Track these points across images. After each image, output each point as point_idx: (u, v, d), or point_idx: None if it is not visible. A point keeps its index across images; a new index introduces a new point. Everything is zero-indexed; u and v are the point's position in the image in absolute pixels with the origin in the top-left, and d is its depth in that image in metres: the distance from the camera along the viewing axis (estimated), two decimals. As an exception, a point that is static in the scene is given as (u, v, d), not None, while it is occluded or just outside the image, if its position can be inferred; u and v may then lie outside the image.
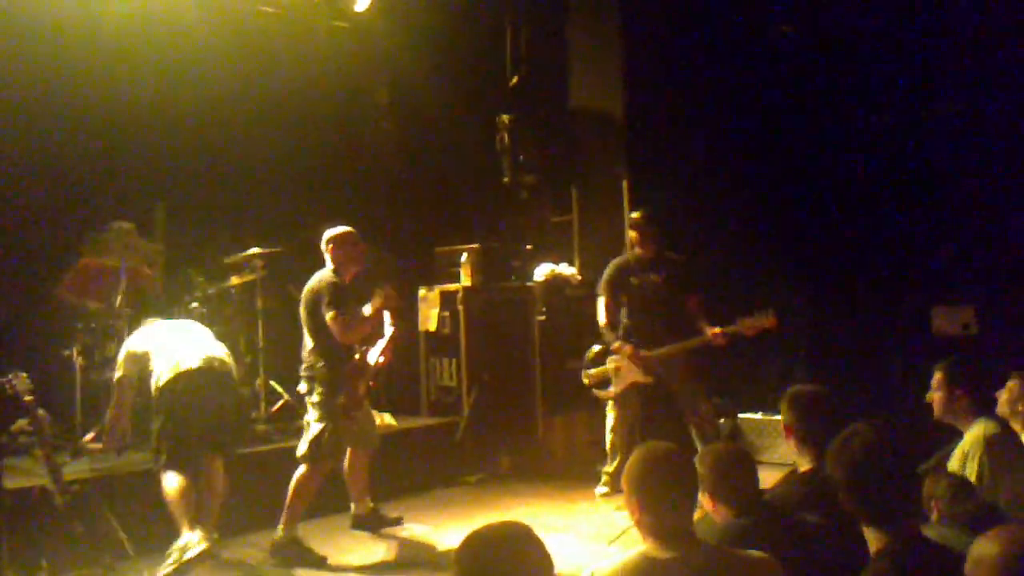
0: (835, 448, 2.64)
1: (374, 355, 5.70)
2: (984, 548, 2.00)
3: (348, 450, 5.82)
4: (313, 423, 5.48)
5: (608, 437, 6.72)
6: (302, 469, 5.47)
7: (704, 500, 3.19)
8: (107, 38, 7.10)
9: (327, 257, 5.63)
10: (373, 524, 5.96)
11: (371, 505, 6.01)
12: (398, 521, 6.03)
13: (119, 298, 6.34)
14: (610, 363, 6.60)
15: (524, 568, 2.20)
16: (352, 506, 6.01)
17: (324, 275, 5.56)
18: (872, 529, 2.56)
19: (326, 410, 5.45)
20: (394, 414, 7.57)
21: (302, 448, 5.48)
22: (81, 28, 7.01)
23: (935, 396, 4.09)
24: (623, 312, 6.67)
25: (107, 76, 7.15)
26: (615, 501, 6.38)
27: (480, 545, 2.25)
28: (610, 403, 6.71)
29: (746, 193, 8.15)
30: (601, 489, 6.71)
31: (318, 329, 5.45)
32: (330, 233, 5.66)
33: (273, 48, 8.08)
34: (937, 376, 4.09)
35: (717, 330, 6.28)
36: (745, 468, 3.23)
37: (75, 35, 7.02)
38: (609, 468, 6.68)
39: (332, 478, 5.98)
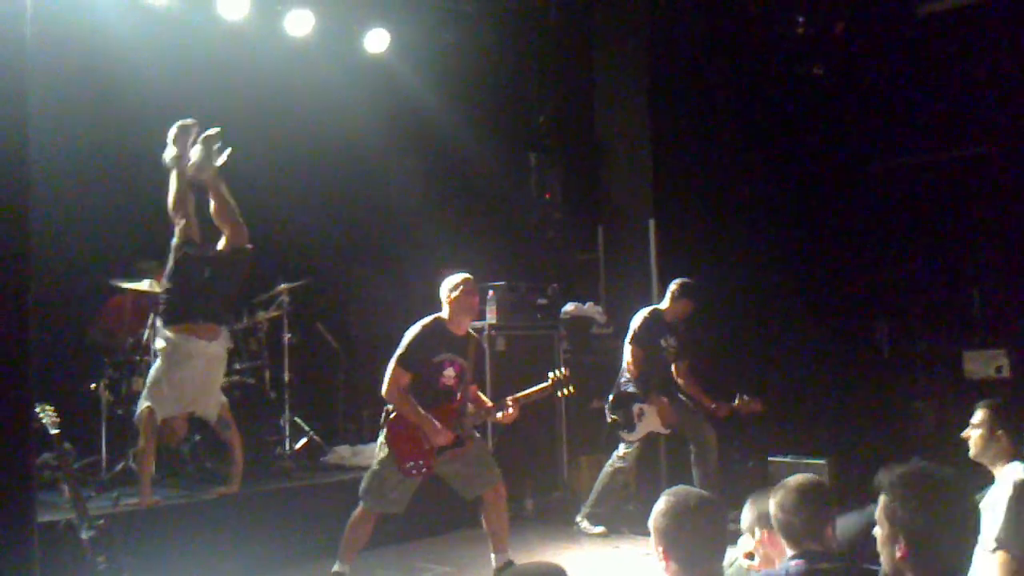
0: (913, 497, 2.24)
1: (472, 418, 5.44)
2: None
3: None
4: (373, 464, 5.40)
5: (604, 475, 6.89)
6: (358, 507, 5.37)
7: (764, 535, 3.07)
8: (130, 75, 7.18)
9: (445, 303, 5.42)
10: None
11: (507, 559, 5.44)
12: None
13: (147, 332, 6.38)
14: (635, 409, 6.70)
15: None
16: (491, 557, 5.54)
17: (423, 323, 5.39)
18: None
19: (380, 454, 5.33)
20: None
21: (361, 488, 5.38)
22: (101, 65, 7.08)
23: (974, 435, 3.99)
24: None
25: (132, 117, 7.23)
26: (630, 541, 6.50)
27: None
28: (624, 447, 6.81)
29: (774, 234, 8.12)
30: (599, 528, 6.86)
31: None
32: (453, 280, 5.43)
33: (297, 83, 8.16)
34: (981, 414, 3.99)
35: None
36: (816, 506, 3.06)
37: (108, 90, 7.12)
38: (588, 509, 6.94)
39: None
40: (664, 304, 6.92)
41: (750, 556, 3.37)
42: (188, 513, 5.92)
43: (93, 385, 6.51)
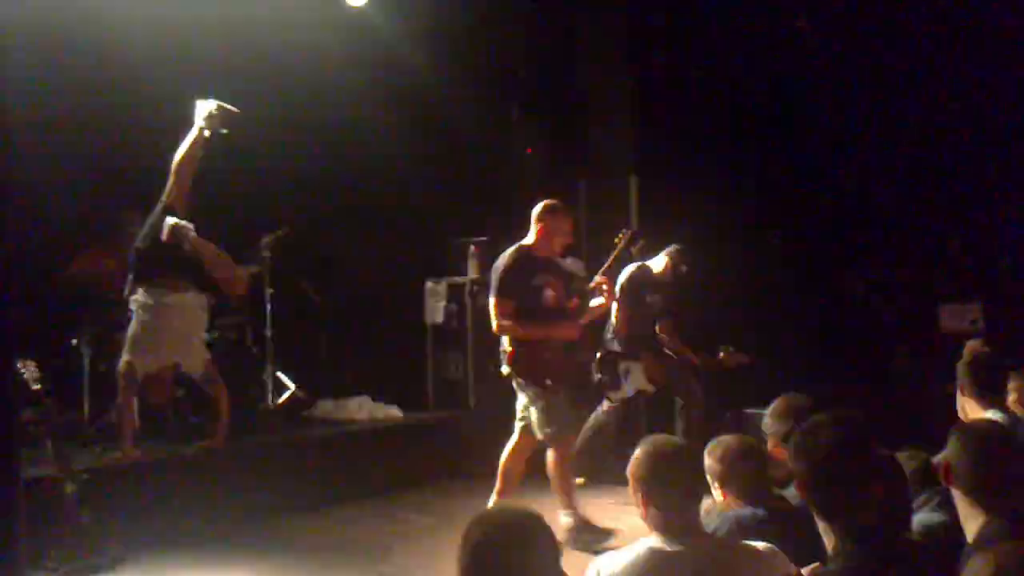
0: (800, 439, 2.54)
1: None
2: (978, 566, 1.95)
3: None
4: (530, 408, 5.33)
5: (586, 428, 6.93)
6: (549, 453, 5.36)
7: (715, 491, 3.22)
8: (118, 36, 7.09)
9: (533, 229, 5.40)
10: (583, 540, 5.28)
11: (581, 515, 5.40)
12: (609, 535, 5.33)
13: (128, 287, 6.35)
14: (622, 368, 6.78)
15: (532, 552, 2.14)
16: (560, 516, 5.36)
17: (508, 253, 5.36)
18: (825, 523, 2.46)
19: (529, 390, 5.30)
20: (400, 407, 7.60)
21: (539, 432, 5.34)
22: (90, 29, 7.00)
23: (957, 395, 4.10)
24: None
25: (121, 72, 7.14)
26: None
27: (489, 527, 2.18)
28: (607, 402, 6.89)
29: (755, 190, 8.15)
30: (578, 479, 6.88)
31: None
32: (545, 203, 5.42)
33: (277, 38, 8.06)
34: (957, 372, 4.09)
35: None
36: (754, 459, 3.24)
37: (87, 36, 7.02)
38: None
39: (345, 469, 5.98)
40: (653, 262, 6.97)
41: None
42: (172, 467, 5.97)
43: (74, 340, 6.51)
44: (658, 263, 6.94)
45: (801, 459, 2.49)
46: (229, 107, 5.95)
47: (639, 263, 7.05)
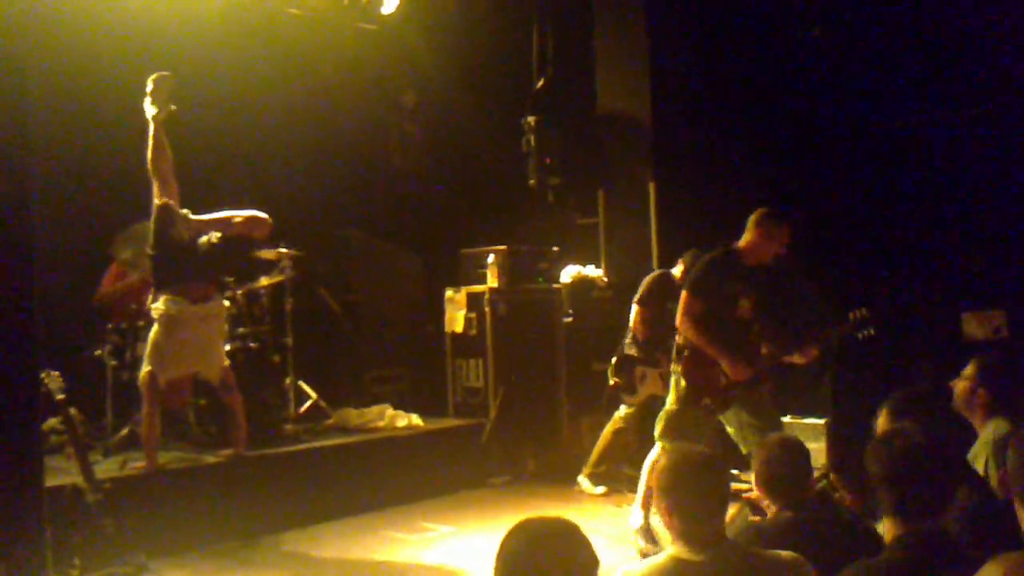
0: (876, 445, 2.67)
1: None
2: (990, 573, 1.97)
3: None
4: (668, 407, 5.22)
5: (605, 436, 6.97)
6: (655, 450, 5.23)
7: (755, 490, 3.22)
8: (135, 40, 7.16)
9: (747, 233, 5.18)
10: (639, 545, 5.31)
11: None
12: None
13: (149, 297, 6.40)
14: (637, 372, 6.77)
15: (570, 563, 2.11)
16: (631, 515, 5.46)
17: (713, 252, 5.20)
18: (893, 520, 2.58)
19: (675, 392, 5.17)
20: (420, 415, 7.62)
21: (656, 430, 5.23)
22: (111, 30, 7.07)
23: (960, 385, 4.06)
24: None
25: (136, 78, 7.20)
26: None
27: (528, 537, 2.16)
28: (625, 408, 6.88)
29: (773, 197, 8.10)
30: (600, 488, 6.97)
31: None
32: (764, 209, 5.18)
33: (300, 50, 8.12)
34: (970, 367, 4.06)
35: None
36: (794, 463, 3.22)
37: (106, 38, 7.09)
38: (589, 469, 7.04)
39: (356, 476, 5.99)
40: (675, 269, 6.97)
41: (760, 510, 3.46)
42: (194, 476, 5.99)
43: (97, 351, 6.56)
44: (678, 268, 6.93)
45: (875, 463, 2.64)
46: (162, 74, 5.89)
47: (661, 271, 7.04)
